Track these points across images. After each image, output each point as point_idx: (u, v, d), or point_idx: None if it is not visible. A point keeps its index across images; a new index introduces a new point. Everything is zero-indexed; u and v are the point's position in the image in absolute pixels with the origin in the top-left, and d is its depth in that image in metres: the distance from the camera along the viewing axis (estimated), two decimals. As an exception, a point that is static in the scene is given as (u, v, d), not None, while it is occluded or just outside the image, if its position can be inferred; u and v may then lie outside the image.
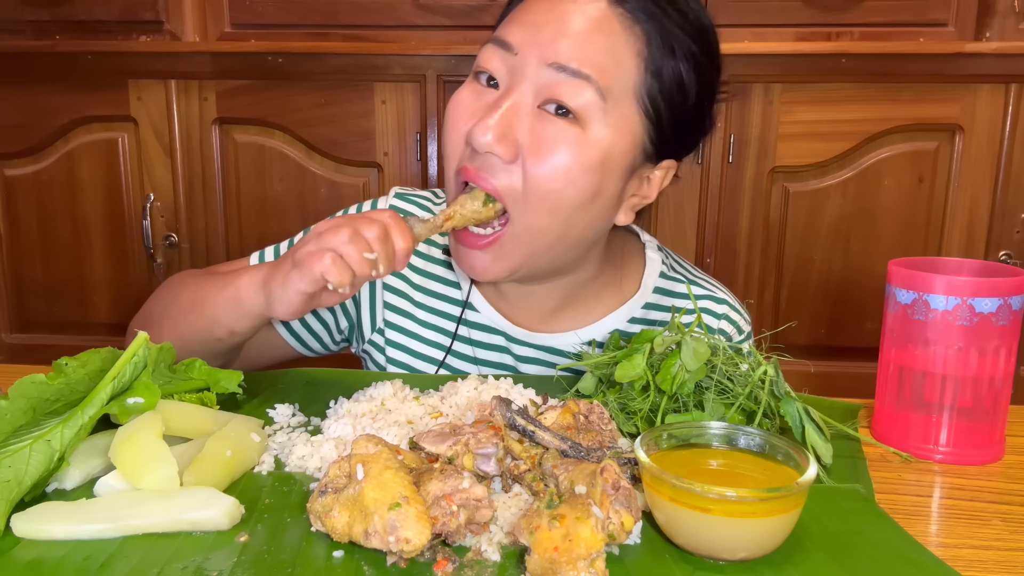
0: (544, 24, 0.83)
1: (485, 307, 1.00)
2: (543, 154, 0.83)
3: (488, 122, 0.82)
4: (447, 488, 0.59)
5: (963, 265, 0.86)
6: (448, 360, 1.02)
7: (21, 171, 2.00)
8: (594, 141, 0.83)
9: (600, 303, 1.00)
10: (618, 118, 0.84)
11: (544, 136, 0.83)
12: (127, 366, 0.73)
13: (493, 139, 0.82)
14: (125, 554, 0.57)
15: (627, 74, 0.84)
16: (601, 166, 0.84)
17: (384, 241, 0.79)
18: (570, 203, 0.85)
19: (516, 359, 1.01)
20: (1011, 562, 0.61)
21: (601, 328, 0.99)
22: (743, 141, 1.85)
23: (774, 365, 0.77)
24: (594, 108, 0.82)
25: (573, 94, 0.82)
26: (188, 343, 0.90)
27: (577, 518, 0.54)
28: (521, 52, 0.83)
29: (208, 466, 0.66)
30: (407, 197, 1.07)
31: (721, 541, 0.57)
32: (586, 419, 0.74)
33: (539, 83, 0.83)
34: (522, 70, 0.84)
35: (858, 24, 1.85)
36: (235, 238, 1.98)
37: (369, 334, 1.05)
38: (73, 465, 0.67)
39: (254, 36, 1.95)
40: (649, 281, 1.02)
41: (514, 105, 0.83)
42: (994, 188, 1.83)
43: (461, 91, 0.88)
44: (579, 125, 0.83)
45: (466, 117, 0.86)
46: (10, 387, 0.68)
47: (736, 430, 0.66)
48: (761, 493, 0.56)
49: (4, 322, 2.08)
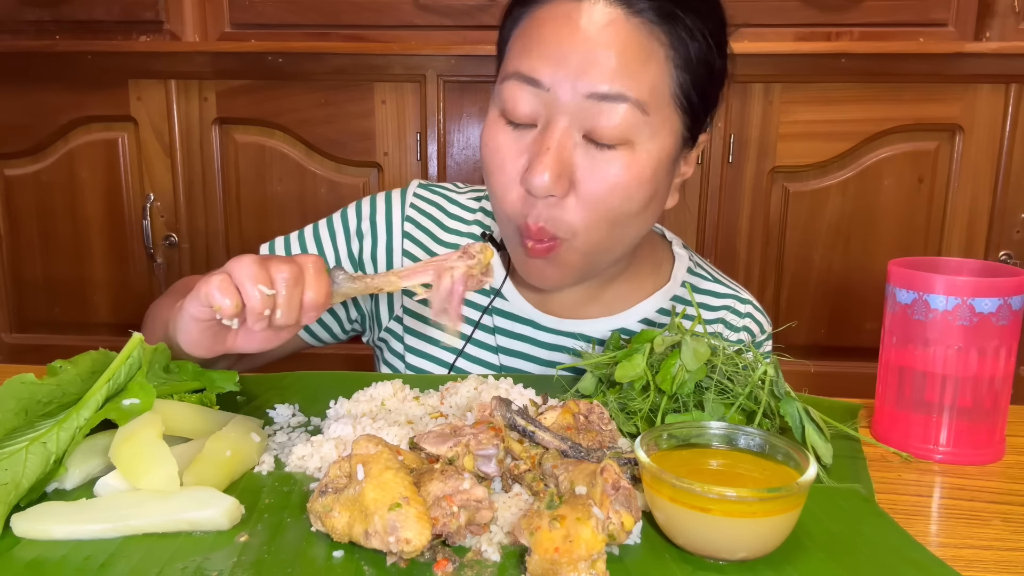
0: (569, 54, 0.81)
1: (515, 296, 1.00)
2: (598, 186, 0.83)
3: (539, 167, 0.81)
4: (448, 489, 0.59)
5: (963, 265, 0.86)
6: (468, 349, 1.01)
7: (21, 171, 2.00)
8: (644, 156, 0.83)
9: (632, 292, 1.01)
10: (660, 124, 0.84)
11: (596, 168, 0.82)
12: (122, 367, 0.73)
13: (550, 181, 0.81)
14: (125, 554, 0.57)
15: (661, 80, 0.83)
16: (654, 175, 0.85)
17: (292, 285, 0.71)
18: (628, 215, 0.85)
19: (542, 347, 1.00)
20: (1011, 562, 0.61)
21: (631, 316, 1.00)
22: (743, 141, 1.85)
23: (774, 365, 0.77)
24: (639, 125, 0.82)
25: (615, 118, 0.81)
26: None
27: (578, 519, 0.54)
28: (553, 87, 0.81)
29: (208, 466, 0.66)
30: (430, 187, 1.06)
31: (721, 541, 0.57)
32: (586, 419, 0.74)
33: (578, 115, 0.81)
34: (557, 105, 0.82)
35: (858, 24, 1.85)
36: (235, 238, 1.99)
37: (386, 322, 1.04)
38: (72, 465, 0.67)
39: (254, 36, 1.95)
40: (679, 275, 1.03)
41: (560, 142, 0.82)
42: (994, 188, 1.83)
43: (495, 132, 0.86)
44: (628, 146, 0.82)
45: (512, 158, 0.84)
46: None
47: (736, 430, 0.66)
48: (761, 493, 0.56)
49: (4, 322, 2.08)
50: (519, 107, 0.83)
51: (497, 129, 0.86)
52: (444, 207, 1.05)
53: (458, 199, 1.05)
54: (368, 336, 1.09)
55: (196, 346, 0.76)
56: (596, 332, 0.99)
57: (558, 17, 0.82)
